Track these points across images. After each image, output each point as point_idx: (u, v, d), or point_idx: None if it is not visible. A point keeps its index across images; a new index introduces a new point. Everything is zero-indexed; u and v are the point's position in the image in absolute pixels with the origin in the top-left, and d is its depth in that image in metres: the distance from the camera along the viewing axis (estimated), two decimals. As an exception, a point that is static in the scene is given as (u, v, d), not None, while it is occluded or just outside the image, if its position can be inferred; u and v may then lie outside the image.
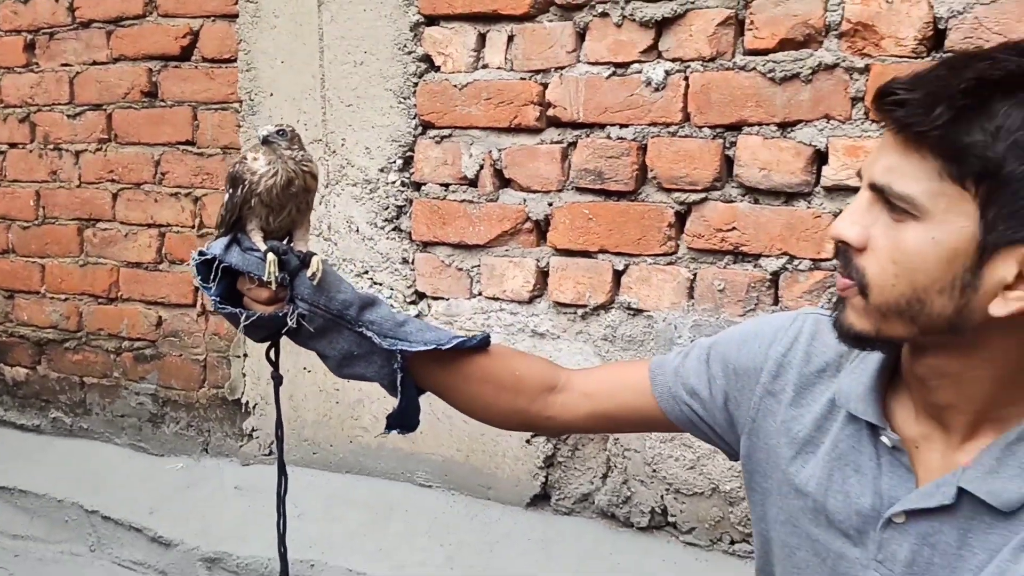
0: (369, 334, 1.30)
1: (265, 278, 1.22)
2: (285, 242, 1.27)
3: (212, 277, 1.24)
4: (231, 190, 1.26)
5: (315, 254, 1.27)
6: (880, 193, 0.98)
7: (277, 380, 1.37)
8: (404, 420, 1.38)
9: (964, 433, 1.05)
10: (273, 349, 1.35)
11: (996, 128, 0.90)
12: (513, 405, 1.41)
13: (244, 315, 1.25)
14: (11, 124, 3.15)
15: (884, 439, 1.10)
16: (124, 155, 2.96)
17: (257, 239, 1.25)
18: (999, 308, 0.94)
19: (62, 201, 3.10)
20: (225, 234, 1.26)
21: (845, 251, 1.03)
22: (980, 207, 0.93)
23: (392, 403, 1.34)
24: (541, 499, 2.48)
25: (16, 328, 3.27)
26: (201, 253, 1.24)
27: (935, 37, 1.87)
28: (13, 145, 3.16)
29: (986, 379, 1.02)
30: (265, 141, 1.25)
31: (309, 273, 1.25)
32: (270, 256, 1.22)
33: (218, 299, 1.25)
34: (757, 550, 1.32)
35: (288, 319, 1.26)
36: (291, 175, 1.25)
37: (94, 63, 2.96)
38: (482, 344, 1.36)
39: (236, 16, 2.67)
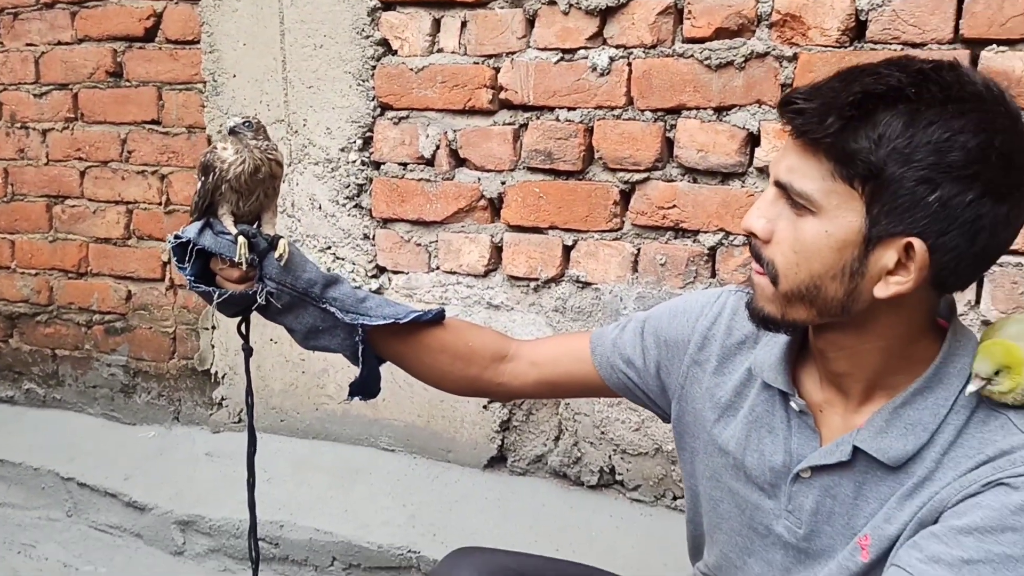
0: (332, 310, 1.36)
1: (236, 259, 1.28)
2: (255, 226, 1.33)
3: (187, 258, 1.29)
4: (203, 178, 1.32)
5: (282, 237, 1.33)
6: (783, 189, 1.07)
7: (247, 351, 1.44)
8: (365, 388, 1.45)
9: (860, 398, 1.16)
10: (244, 323, 1.42)
11: (879, 136, 0.99)
12: (466, 373, 1.49)
13: (217, 293, 1.31)
14: (-24, 103, 3.12)
15: (793, 404, 1.20)
16: (91, 134, 2.96)
17: (228, 223, 1.31)
18: (882, 291, 1.04)
19: (30, 178, 3.09)
20: (199, 219, 1.32)
21: (754, 242, 1.12)
22: (866, 204, 1.02)
23: (355, 372, 1.41)
24: (498, 461, 2.54)
25: (-14, 303, 3.26)
26: (177, 236, 1.29)
27: (857, 28, 1.95)
28: (-21, 124, 3.13)
29: (876, 351, 1.12)
30: (232, 132, 1.32)
31: (277, 255, 1.31)
32: (240, 239, 1.28)
33: (193, 278, 1.31)
34: (687, 503, 1.44)
35: (258, 296, 1.32)
36: (258, 163, 1.31)
37: (59, 43, 2.95)
38: (437, 318, 1.44)
39: (199, -2, 2.68)
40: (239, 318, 1.42)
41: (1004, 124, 1.01)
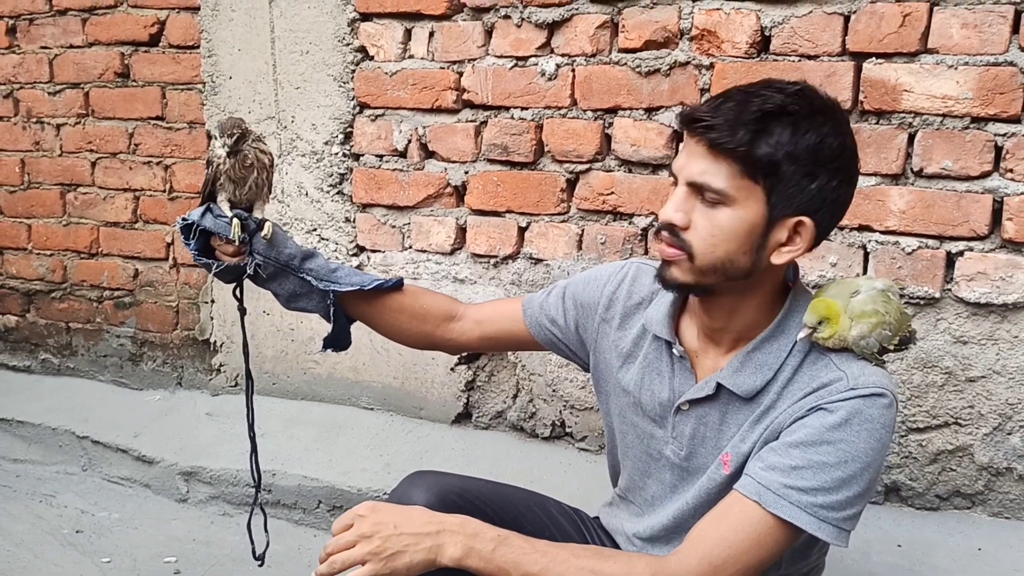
0: (309, 278, 1.59)
1: (231, 237, 1.51)
2: (248, 212, 1.56)
3: (192, 236, 1.53)
4: (206, 170, 1.56)
5: (268, 220, 1.56)
6: (697, 188, 1.28)
7: (242, 312, 1.68)
8: (336, 342, 1.70)
9: (727, 347, 1.40)
10: (238, 289, 1.65)
11: (776, 143, 1.23)
12: (421, 330, 1.71)
13: (216, 264, 1.54)
14: (-4, 99, 3.26)
15: (675, 351, 1.44)
16: (101, 128, 3.11)
17: (225, 208, 1.54)
18: (778, 259, 1.29)
19: (45, 168, 3.23)
20: (202, 204, 1.55)
21: (672, 229, 1.30)
22: (766, 195, 1.25)
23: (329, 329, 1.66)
24: (464, 417, 2.72)
25: (6, 281, 3.41)
26: (184, 219, 1.52)
27: (762, 42, 2.17)
28: (-1, 118, 3.29)
29: (751, 309, 1.36)
30: (210, 135, 1.55)
31: (263, 234, 1.54)
32: (235, 221, 1.51)
33: (196, 252, 1.54)
34: (606, 438, 1.68)
35: (248, 268, 1.55)
36: (244, 152, 1.52)
37: (71, 47, 3.09)
38: (396, 285, 1.66)
39: (198, 8, 2.85)
40: (234, 284, 1.65)
41: (848, 127, 1.28)
